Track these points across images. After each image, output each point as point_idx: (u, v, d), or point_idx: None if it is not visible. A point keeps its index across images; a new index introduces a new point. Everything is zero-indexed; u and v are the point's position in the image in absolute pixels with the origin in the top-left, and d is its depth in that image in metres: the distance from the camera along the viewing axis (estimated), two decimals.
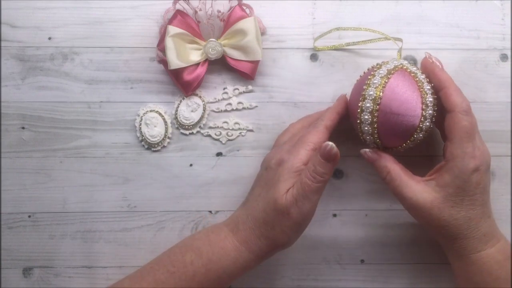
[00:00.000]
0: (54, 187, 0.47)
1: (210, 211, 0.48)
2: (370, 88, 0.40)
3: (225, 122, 0.48)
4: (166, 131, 0.47)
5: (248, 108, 0.48)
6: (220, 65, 0.48)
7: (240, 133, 0.48)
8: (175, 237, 0.48)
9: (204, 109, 0.47)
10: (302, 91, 0.48)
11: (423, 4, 0.48)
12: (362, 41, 0.47)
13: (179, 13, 0.45)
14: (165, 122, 0.47)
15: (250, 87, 0.48)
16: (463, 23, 0.48)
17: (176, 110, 0.47)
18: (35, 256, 0.47)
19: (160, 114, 0.47)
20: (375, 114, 0.40)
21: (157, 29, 0.47)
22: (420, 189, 0.40)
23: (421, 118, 0.40)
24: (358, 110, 0.41)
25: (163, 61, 0.46)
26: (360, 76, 0.45)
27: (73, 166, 0.47)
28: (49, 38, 0.47)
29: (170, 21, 0.45)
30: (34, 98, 0.47)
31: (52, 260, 0.47)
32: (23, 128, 0.47)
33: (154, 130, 0.47)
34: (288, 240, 0.41)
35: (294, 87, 0.48)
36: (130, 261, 0.48)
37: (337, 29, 0.47)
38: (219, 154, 0.48)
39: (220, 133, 0.48)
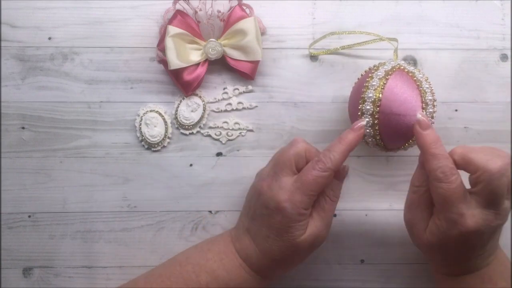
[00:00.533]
0: (54, 187, 0.47)
1: (210, 211, 0.48)
2: (369, 91, 0.40)
3: (225, 122, 0.48)
4: (166, 131, 0.47)
5: (248, 108, 0.48)
6: (220, 65, 0.48)
7: (240, 133, 0.48)
8: (175, 237, 0.48)
9: (204, 109, 0.47)
10: (302, 91, 0.48)
11: (423, 4, 0.48)
12: (358, 43, 0.47)
13: (179, 13, 0.45)
14: (165, 122, 0.47)
15: (250, 87, 0.48)
16: (463, 23, 0.48)
17: (176, 110, 0.47)
18: (35, 256, 0.47)
19: (160, 114, 0.47)
20: (376, 116, 0.40)
21: (157, 29, 0.47)
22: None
23: None
24: (359, 113, 0.41)
25: (163, 61, 0.46)
26: (358, 78, 0.45)
27: (73, 166, 0.47)
28: (49, 38, 0.47)
29: (170, 21, 0.45)
30: (34, 98, 0.47)
31: (52, 260, 0.47)
32: (23, 128, 0.47)
33: (154, 130, 0.47)
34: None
35: (294, 87, 0.48)
36: (130, 261, 0.48)
37: (332, 33, 0.47)
38: (219, 154, 0.48)
39: (220, 133, 0.48)
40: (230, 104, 0.48)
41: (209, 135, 0.48)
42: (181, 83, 0.46)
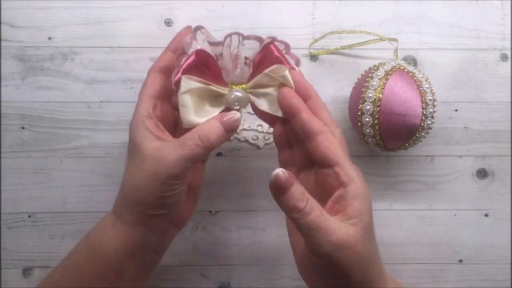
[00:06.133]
0: (54, 187, 0.47)
1: (210, 211, 0.48)
2: (369, 91, 0.40)
3: (260, 125, 0.47)
4: None
5: None
6: None
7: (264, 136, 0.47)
8: (175, 237, 0.47)
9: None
10: None
11: (423, 4, 0.48)
12: (358, 43, 0.47)
13: (198, 56, 0.36)
14: None
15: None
16: (463, 23, 0.48)
17: None
18: (35, 256, 0.47)
19: None
20: (376, 116, 0.40)
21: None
22: (340, 224, 0.32)
23: (421, 116, 0.40)
24: (359, 113, 0.41)
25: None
26: (358, 78, 0.45)
27: (73, 166, 0.47)
28: (49, 38, 0.47)
29: (187, 68, 0.36)
30: (34, 98, 0.47)
31: (52, 260, 0.47)
32: (23, 128, 0.47)
33: None
34: (157, 200, 0.35)
35: None
36: None
37: (332, 33, 0.47)
38: (219, 154, 0.48)
39: (257, 138, 0.47)
40: None
41: (246, 140, 0.47)
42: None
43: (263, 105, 0.37)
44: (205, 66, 0.36)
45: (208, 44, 0.37)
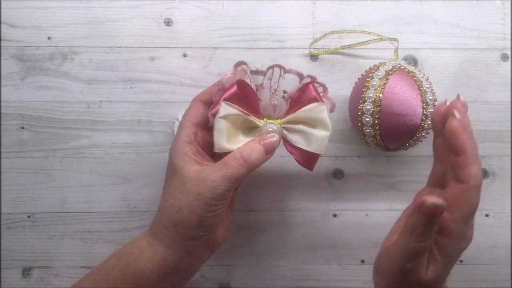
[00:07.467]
0: (54, 187, 0.47)
1: None
2: (369, 90, 0.40)
3: None
4: None
5: None
6: None
7: None
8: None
9: None
10: None
11: (424, 4, 0.48)
12: (358, 43, 0.47)
13: (239, 86, 0.37)
14: None
15: None
16: (464, 23, 0.48)
17: None
18: (35, 257, 0.47)
19: None
20: (376, 116, 0.40)
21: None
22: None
23: (422, 117, 0.40)
24: (359, 113, 0.41)
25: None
26: (358, 78, 0.45)
27: (73, 166, 0.47)
28: (49, 38, 0.47)
29: (228, 97, 0.37)
30: (33, 98, 0.47)
31: (52, 261, 0.47)
32: (22, 128, 0.47)
33: None
34: (198, 221, 0.36)
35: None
36: None
37: (332, 32, 0.47)
38: None
39: None
40: None
41: None
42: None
43: (295, 140, 0.38)
44: (245, 96, 0.38)
45: (248, 79, 0.38)
